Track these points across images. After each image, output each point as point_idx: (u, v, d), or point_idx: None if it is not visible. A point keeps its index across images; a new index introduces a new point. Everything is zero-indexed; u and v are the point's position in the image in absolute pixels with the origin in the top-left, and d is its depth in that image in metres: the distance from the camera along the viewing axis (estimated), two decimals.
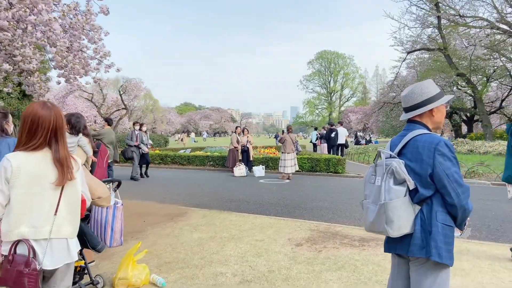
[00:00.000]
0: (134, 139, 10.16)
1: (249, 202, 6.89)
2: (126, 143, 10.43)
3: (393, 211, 1.72)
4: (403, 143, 1.84)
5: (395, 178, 1.75)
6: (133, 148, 10.12)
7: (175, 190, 8.32)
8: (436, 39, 26.24)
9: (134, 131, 10.36)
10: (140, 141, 10.23)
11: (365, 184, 1.96)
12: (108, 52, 8.31)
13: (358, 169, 12.49)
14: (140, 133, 10.34)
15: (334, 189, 8.25)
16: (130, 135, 10.37)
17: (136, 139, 10.18)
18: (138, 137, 10.25)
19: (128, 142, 10.29)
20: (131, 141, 10.20)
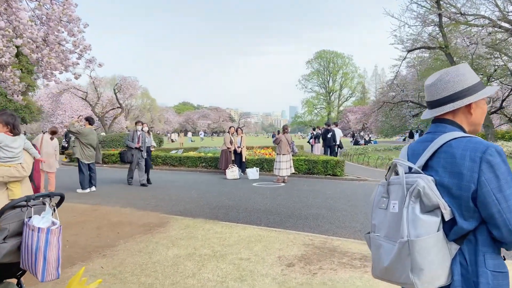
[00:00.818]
0: (135, 141, 9.05)
1: (239, 209, 6.29)
2: (126, 145, 9.27)
3: (423, 254, 1.13)
4: (431, 151, 1.25)
5: (422, 204, 1.16)
6: (134, 151, 9.02)
7: (161, 195, 7.72)
8: (437, 37, 25.74)
9: (136, 131, 9.16)
10: (142, 142, 9.12)
11: (373, 209, 1.37)
12: (88, 46, 7.68)
13: (357, 171, 11.91)
14: (143, 134, 9.22)
15: (332, 194, 7.66)
16: (131, 135, 9.17)
17: (138, 140, 9.06)
18: (141, 138, 9.12)
19: (129, 143, 9.11)
20: (131, 142, 9.09)
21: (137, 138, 9.07)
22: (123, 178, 10.27)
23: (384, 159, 14.40)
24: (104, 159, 14.39)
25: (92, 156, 8.39)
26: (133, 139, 9.07)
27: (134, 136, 9.10)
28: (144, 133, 9.25)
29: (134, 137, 9.09)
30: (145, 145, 9.19)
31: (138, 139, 9.06)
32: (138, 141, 9.02)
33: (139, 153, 9.05)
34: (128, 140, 9.20)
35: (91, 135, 8.37)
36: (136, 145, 9.00)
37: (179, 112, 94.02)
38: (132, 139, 9.10)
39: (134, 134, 9.10)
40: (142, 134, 9.14)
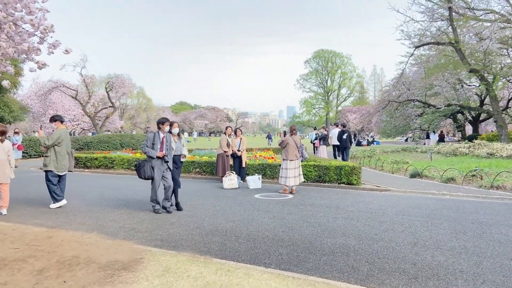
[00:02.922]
0: (157, 146, 6.16)
1: (240, 236, 4.77)
2: (144, 152, 6.30)
3: None
4: None
5: None
6: (156, 162, 6.16)
7: (141, 213, 6.18)
8: (447, 32, 24.36)
9: (158, 133, 6.29)
10: (167, 149, 6.26)
11: None
12: (50, 27, 6.17)
13: (373, 177, 10.42)
14: (169, 137, 6.37)
15: (355, 212, 6.16)
16: (151, 139, 6.20)
17: (161, 146, 6.17)
18: (165, 143, 6.23)
19: (147, 151, 6.16)
20: (151, 149, 6.16)
21: (160, 142, 6.20)
22: (104, 186, 8.75)
23: (399, 163, 12.95)
24: (86, 163, 12.85)
25: (66, 165, 6.80)
26: (154, 144, 6.15)
27: (155, 139, 6.17)
28: (171, 136, 6.45)
29: (155, 141, 6.16)
30: (171, 153, 6.37)
31: (162, 144, 6.19)
32: (161, 147, 6.18)
33: (163, 165, 6.24)
34: (146, 145, 6.19)
35: (67, 139, 6.79)
36: (159, 153, 6.13)
37: (176, 112, 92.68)
38: (152, 144, 6.16)
39: (156, 137, 6.18)
40: (168, 137, 6.31)
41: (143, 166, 6.15)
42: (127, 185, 9.44)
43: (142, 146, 6.34)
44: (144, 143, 6.25)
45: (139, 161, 6.29)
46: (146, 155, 6.23)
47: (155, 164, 6.14)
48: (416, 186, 8.81)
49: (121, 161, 12.22)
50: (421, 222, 5.34)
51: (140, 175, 6.17)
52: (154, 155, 6.11)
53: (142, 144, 6.31)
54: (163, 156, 6.16)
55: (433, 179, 9.87)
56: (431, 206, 6.57)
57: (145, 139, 6.28)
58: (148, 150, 6.15)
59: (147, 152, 6.16)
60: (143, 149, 6.28)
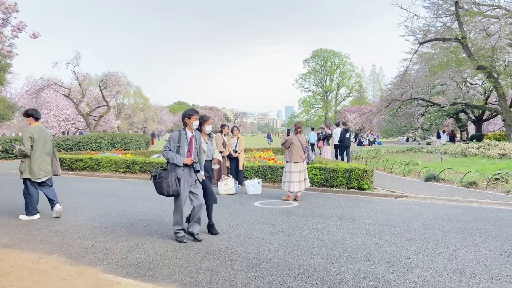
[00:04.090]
0: (184, 150, 4.41)
1: (236, 259, 3.79)
2: (166, 158, 4.48)
3: None
4: None
5: None
6: (183, 172, 4.39)
7: (118, 226, 5.19)
8: (452, 28, 23.46)
9: (185, 130, 4.53)
10: (197, 153, 4.55)
11: None
12: (13, 5, 5.22)
13: (385, 181, 9.46)
14: (198, 137, 4.63)
15: (375, 225, 5.18)
16: (176, 138, 4.44)
17: (189, 148, 4.44)
18: (194, 146, 4.49)
19: (171, 157, 4.37)
20: (176, 154, 4.38)
21: (188, 144, 4.45)
22: (84, 191, 7.75)
23: (409, 165, 12.00)
24: (71, 165, 11.84)
25: (48, 169, 5.74)
26: (180, 146, 4.40)
27: (181, 140, 4.43)
28: (200, 134, 4.77)
29: (181, 142, 4.42)
30: (202, 158, 4.68)
31: (190, 146, 4.46)
32: (189, 151, 4.44)
33: (192, 176, 4.45)
34: (169, 148, 4.43)
35: (44, 137, 5.67)
36: (188, 160, 4.36)
37: (173, 111, 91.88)
38: (177, 147, 4.40)
39: (182, 137, 4.44)
40: (197, 136, 4.62)
41: (166, 178, 4.27)
42: (111, 189, 8.43)
43: (163, 150, 4.47)
44: (166, 145, 4.45)
45: (158, 171, 4.43)
46: (169, 162, 4.40)
47: (182, 175, 4.35)
48: (434, 191, 7.85)
49: (108, 162, 11.21)
50: (458, 240, 4.37)
51: (161, 190, 4.31)
52: (180, 163, 4.30)
53: (164, 148, 4.46)
54: (192, 164, 4.39)
55: (451, 182, 8.93)
56: (461, 217, 5.60)
57: (170, 138, 4.48)
58: (172, 155, 4.32)
59: (170, 158, 4.34)
60: (164, 154, 4.43)
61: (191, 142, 4.47)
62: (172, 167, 4.39)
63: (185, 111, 4.58)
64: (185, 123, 4.51)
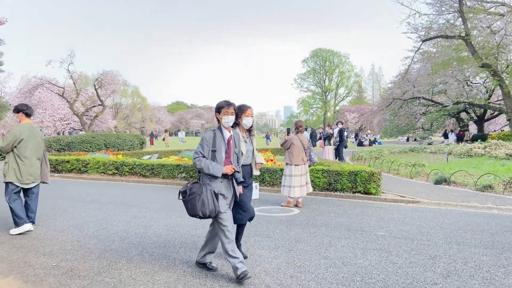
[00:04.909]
0: (222, 155, 3.26)
1: (227, 284, 3.12)
2: (198, 168, 3.25)
3: None
4: None
5: None
6: (221, 184, 3.24)
7: (92, 239, 4.51)
8: (456, 25, 22.86)
9: (221, 130, 3.35)
10: (237, 159, 3.45)
11: None
12: None
13: (391, 184, 8.79)
14: (238, 137, 3.52)
15: (389, 238, 4.51)
16: (210, 141, 3.28)
17: (227, 153, 3.30)
18: (233, 149, 3.37)
19: (205, 166, 3.19)
20: (212, 162, 3.22)
21: (227, 147, 3.31)
22: (63, 196, 7.07)
23: (416, 166, 11.35)
24: (57, 166, 11.14)
25: (37, 174, 4.95)
26: (216, 151, 3.26)
27: (217, 142, 3.28)
28: (239, 134, 3.61)
29: (217, 145, 3.28)
30: (241, 159, 3.58)
31: (229, 150, 3.32)
32: (228, 156, 3.30)
33: (230, 189, 3.33)
34: (202, 153, 3.26)
35: (34, 137, 4.90)
36: (227, 168, 3.20)
37: (172, 111, 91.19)
38: (211, 152, 3.26)
39: (217, 138, 3.29)
40: (236, 137, 3.48)
41: (199, 193, 3.11)
42: (95, 194, 7.74)
43: (194, 157, 3.27)
44: (198, 150, 3.25)
45: (189, 185, 3.24)
46: (203, 172, 3.21)
47: (220, 188, 3.21)
48: (448, 195, 7.19)
49: (96, 164, 10.52)
50: (490, 258, 3.70)
51: (195, 210, 3.13)
52: (218, 172, 3.15)
53: (195, 154, 3.27)
54: (233, 173, 3.21)
55: (464, 186, 8.27)
56: (485, 227, 4.94)
57: (199, 144, 3.29)
58: (207, 164, 3.16)
59: (205, 168, 3.17)
60: (197, 163, 3.22)
61: (229, 145, 3.30)
62: (207, 178, 3.22)
63: (219, 103, 3.37)
64: (218, 120, 3.38)
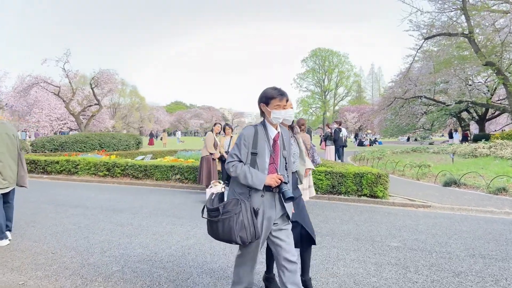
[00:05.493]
0: (265, 160, 2.41)
1: None
2: (233, 175, 2.41)
3: None
4: None
5: None
6: (262, 199, 2.37)
7: (70, 251, 4.00)
8: (459, 22, 22.42)
9: (265, 124, 2.49)
10: (285, 165, 2.51)
11: None
12: None
13: (397, 185, 8.30)
14: (287, 135, 2.60)
15: (404, 250, 4.02)
16: (250, 140, 2.41)
17: (273, 157, 2.45)
18: (281, 151, 2.49)
19: (242, 173, 2.35)
20: (251, 168, 2.37)
21: (272, 150, 2.43)
22: (48, 201, 6.57)
23: (422, 167, 10.87)
24: (46, 167, 10.63)
25: (13, 179, 4.34)
26: (257, 154, 2.40)
27: (258, 142, 2.40)
28: (287, 132, 2.65)
29: (259, 146, 2.40)
30: (290, 166, 2.62)
31: (275, 152, 2.44)
32: (273, 161, 2.42)
33: (275, 206, 2.40)
34: (238, 156, 2.41)
35: (6, 137, 4.34)
36: (271, 179, 2.34)
37: (171, 111, 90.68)
38: (251, 155, 2.40)
39: (260, 137, 2.42)
40: (285, 136, 2.54)
41: (236, 211, 2.30)
42: (82, 198, 7.24)
43: (228, 161, 2.43)
44: (233, 152, 2.43)
45: (224, 203, 2.36)
46: (240, 181, 2.37)
47: (261, 205, 2.37)
48: (460, 199, 6.71)
49: (86, 165, 10.01)
50: None
51: (228, 234, 2.30)
52: (260, 184, 2.32)
53: (229, 158, 2.44)
54: (280, 185, 2.35)
55: (475, 188, 7.79)
56: (508, 236, 4.46)
57: (236, 144, 2.46)
58: (245, 171, 2.34)
59: (242, 177, 2.35)
60: (231, 168, 2.38)
61: (275, 146, 2.41)
62: (245, 191, 2.35)
63: (265, 92, 2.45)
64: (262, 113, 2.49)
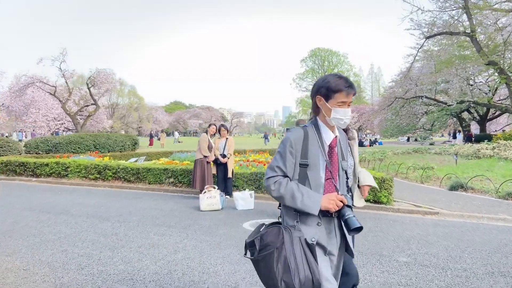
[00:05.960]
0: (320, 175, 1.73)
1: None
2: (274, 195, 1.74)
3: None
4: None
5: None
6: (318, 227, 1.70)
7: (43, 268, 3.61)
8: (460, 21, 22.08)
9: (317, 124, 1.81)
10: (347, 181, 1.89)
11: None
12: None
13: (401, 189, 7.91)
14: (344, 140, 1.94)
15: (416, 267, 3.62)
16: (299, 145, 1.73)
17: (330, 170, 1.75)
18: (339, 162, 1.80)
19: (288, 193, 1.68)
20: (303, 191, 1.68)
21: (328, 159, 1.75)
22: (36, 206, 6.17)
23: (426, 169, 10.49)
24: (35, 170, 10.23)
25: None
26: (309, 165, 1.73)
27: (309, 149, 1.74)
28: (346, 137, 1.98)
29: (311, 154, 1.73)
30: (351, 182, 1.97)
31: (333, 164, 1.76)
32: (331, 176, 1.74)
33: (335, 238, 1.77)
34: (283, 170, 1.73)
35: None
36: (331, 201, 1.65)
37: (170, 111, 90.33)
38: (300, 167, 1.73)
39: (310, 142, 1.76)
40: (343, 143, 1.89)
41: (279, 245, 1.62)
42: (68, 203, 6.84)
43: (268, 177, 1.73)
44: (274, 164, 1.74)
45: (263, 230, 1.76)
46: (285, 203, 1.71)
47: (318, 236, 1.69)
48: (469, 205, 6.33)
49: (77, 168, 9.61)
50: None
51: (271, 278, 1.60)
52: (315, 207, 1.63)
53: (268, 171, 1.75)
54: (342, 209, 1.68)
55: (483, 192, 7.41)
56: None
57: (278, 151, 1.76)
58: (292, 189, 1.67)
59: (287, 197, 1.67)
60: (271, 186, 1.71)
61: (333, 155, 1.76)
62: (293, 217, 1.71)
63: (325, 79, 1.78)
64: (317, 108, 1.81)
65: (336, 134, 1.79)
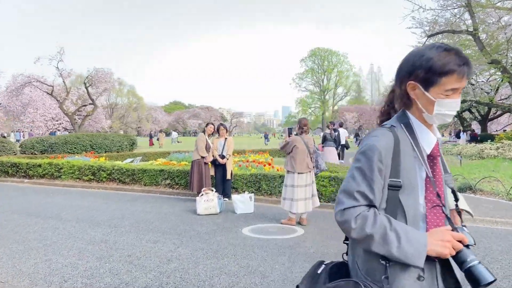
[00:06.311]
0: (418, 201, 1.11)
1: None
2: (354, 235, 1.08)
3: None
4: None
5: None
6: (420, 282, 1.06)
7: (24, 281, 3.29)
8: (463, 19, 21.81)
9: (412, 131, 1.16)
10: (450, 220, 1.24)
11: None
12: None
13: None
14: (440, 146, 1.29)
15: None
16: (388, 160, 1.10)
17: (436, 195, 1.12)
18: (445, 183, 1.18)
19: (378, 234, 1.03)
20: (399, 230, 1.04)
21: (431, 176, 1.13)
22: (25, 209, 5.86)
23: None
24: (27, 171, 9.92)
25: None
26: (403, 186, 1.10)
27: (400, 161, 1.11)
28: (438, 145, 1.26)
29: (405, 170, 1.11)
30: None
31: (439, 186, 1.13)
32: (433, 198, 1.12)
33: None
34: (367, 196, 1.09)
35: None
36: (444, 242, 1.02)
37: (169, 111, 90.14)
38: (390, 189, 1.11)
39: (401, 150, 1.12)
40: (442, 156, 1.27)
41: None
42: (59, 206, 6.52)
43: (345, 206, 1.09)
44: (355, 189, 1.10)
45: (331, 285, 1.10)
46: (371, 248, 1.05)
47: None
48: (479, 208, 6.03)
49: (70, 168, 9.29)
50: None
51: None
52: (418, 255, 1.01)
53: (346, 198, 1.10)
54: (460, 252, 1.03)
55: (494, 195, 7.11)
56: None
57: (355, 164, 1.14)
58: (384, 227, 1.04)
59: (375, 236, 1.03)
60: (352, 223, 1.06)
61: (436, 169, 1.16)
62: (380, 269, 1.08)
63: (424, 54, 1.12)
64: (408, 99, 1.19)
65: (438, 137, 1.18)
